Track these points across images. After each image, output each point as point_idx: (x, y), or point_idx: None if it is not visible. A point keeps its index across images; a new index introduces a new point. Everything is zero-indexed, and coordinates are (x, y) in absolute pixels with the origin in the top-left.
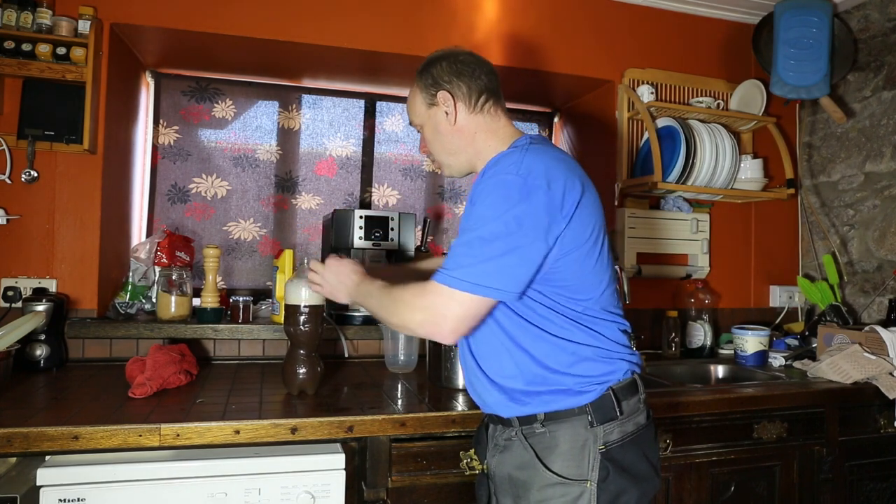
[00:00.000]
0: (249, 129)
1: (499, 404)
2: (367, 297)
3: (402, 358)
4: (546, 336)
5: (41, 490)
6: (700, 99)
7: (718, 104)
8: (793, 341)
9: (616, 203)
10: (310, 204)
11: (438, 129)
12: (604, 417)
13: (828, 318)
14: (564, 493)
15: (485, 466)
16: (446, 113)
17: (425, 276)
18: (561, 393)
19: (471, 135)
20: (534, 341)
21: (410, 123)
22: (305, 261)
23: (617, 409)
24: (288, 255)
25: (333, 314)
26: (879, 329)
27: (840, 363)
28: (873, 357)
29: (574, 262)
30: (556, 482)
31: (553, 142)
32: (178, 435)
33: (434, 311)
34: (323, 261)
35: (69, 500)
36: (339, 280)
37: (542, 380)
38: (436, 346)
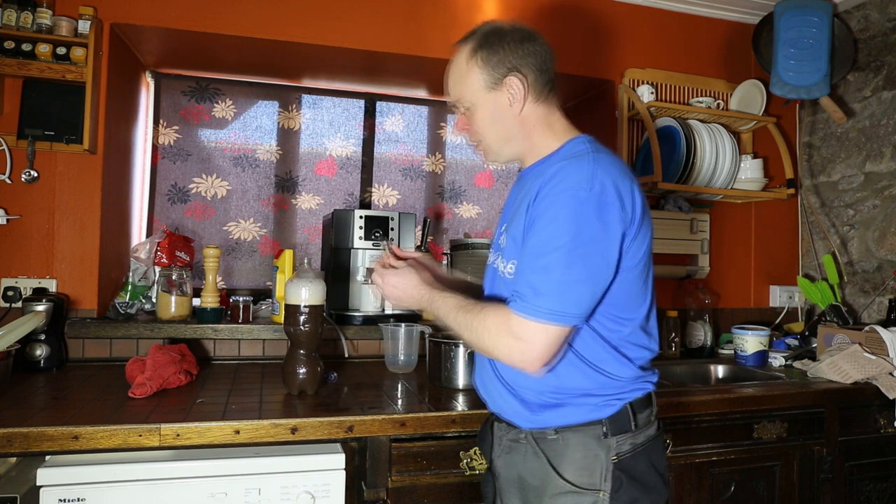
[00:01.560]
0: (249, 129)
1: (517, 414)
2: (444, 316)
3: (402, 358)
4: (578, 362)
5: (41, 490)
6: (700, 99)
7: (718, 104)
8: (793, 341)
9: None
10: (310, 204)
11: (497, 115)
12: (618, 430)
13: (828, 318)
14: (577, 501)
15: (489, 464)
16: (510, 100)
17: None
18: (580, 408)
19: (531, 126)
20: (564, 364)
21: (453, 102)
22: (305, 261)
23: (632, 423)
24: (288, 255)
25: (333, 314)
26: (879, 329)
27: (840, 363)
28: (873, 357)
29: (626, 280)
30: (568, 490)
31: None
32: (178, 435)
33: (521, 342)
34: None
35: (69, 500)
36: (403, 293)
37: (562, 395)
38: (436, 346)
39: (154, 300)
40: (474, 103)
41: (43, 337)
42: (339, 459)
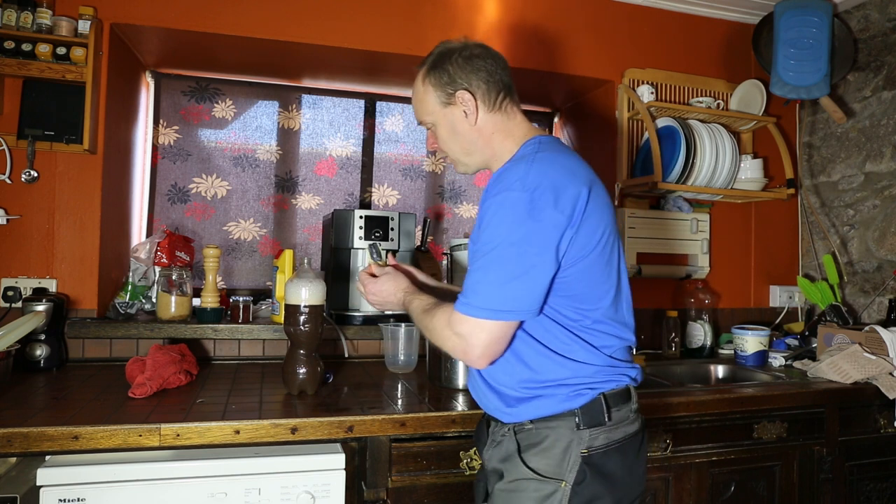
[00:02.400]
0: (249, 129)
1: (497, 410)
2: (412, 317)
3: (402, 358)
4: (548, 353)
5: (41, 490)
6: (700, 99)
7: (718, 104)
8: (793, 341)
9: (616, 203)
10: (310, 204)
11: (456, 129)
12: (591, 422)
13: (828, 318)
14: (537, 488)
15: (482, 461)
16: (465, 113)
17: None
18: (553, 398)
19: (489, 135)
20: (535, 357)
21: (419, 122)
22: (305, 261)
23: (606, 415)
24: (288, 255)
25: (333, 314)
26: (879, 329)
27: (840, 363)
28: (873, 357)
29: (580, 271)
30: (530, 477)
31: None
32: (178, 435)
33: (462, 339)
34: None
35: (69, 500)
36: (384, 299)
37: (536, 388)
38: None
39: (154, 300)
40: (435, 121)
41: (43, 337)
42: (339, 459)
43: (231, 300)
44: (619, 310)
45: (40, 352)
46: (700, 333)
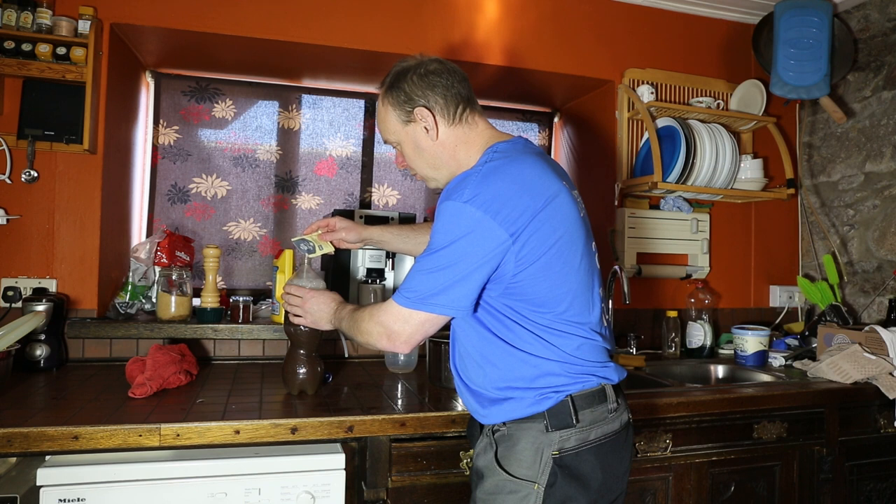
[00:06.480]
0: (249, 129)
1: (475, 412)
2: (341, 321)
3: (402, 358)
4: (512, 350)
5: (41, 490)
6: (700, 99)
7: (718, 104)
8: (793, 341)
9: (616, 203)
10: (310, 204)
11: (419, 145)
12: (559, 424)
13: (828, 318)
14: (513, 490)
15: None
16: (426, 129)
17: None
18: (522, 401)
19: (452, 148)
20: (501, 356)
21: (385, 142)
22: (306, 261)
23: (573, 417)
24: (288, 255)
25: None
26: (879, 329)
27: (840, 363)
28: (873, 357)
29: (532, 276)
30: (506, 479)
31: (553, 142)
32: (178, 435)
33: (389, 325)
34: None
35: (69, 500)
36: (319, 309)
37: (506, 390)
38: (436, 346)
39: (154, 300)
40: (399, 140)
41: (43, 337)
42: (339, 459)
43: (231, 300)
44: (587, 313)
45: (40, 352)
46: (700, 333)
